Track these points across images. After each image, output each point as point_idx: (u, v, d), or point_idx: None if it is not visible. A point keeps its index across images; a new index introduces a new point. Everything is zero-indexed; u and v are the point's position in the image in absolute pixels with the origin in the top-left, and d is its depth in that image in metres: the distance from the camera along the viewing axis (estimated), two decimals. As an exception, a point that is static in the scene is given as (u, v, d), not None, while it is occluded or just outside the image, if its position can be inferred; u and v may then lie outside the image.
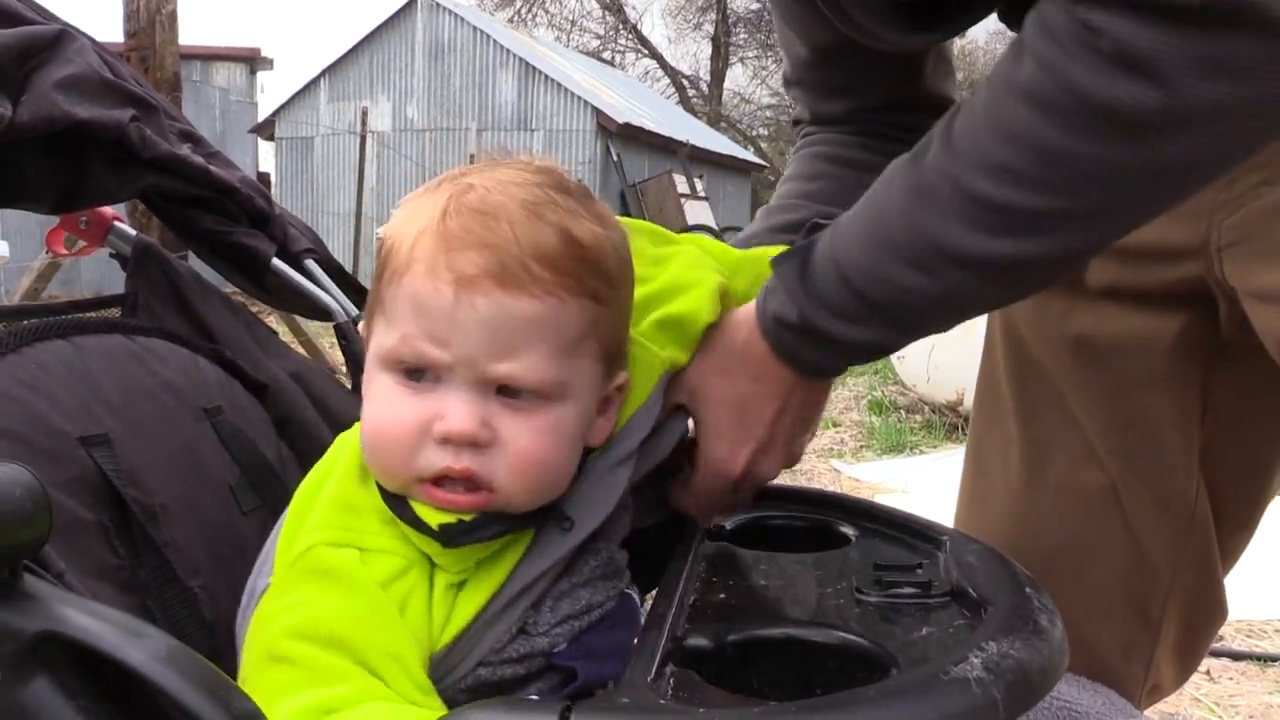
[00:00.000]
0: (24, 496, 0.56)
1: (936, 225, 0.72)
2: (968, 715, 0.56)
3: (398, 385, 0.72)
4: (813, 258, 0.79)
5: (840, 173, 1.08)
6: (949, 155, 0.72)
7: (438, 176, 0.77)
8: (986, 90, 0.71)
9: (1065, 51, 0.64)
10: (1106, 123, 0.64)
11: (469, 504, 0.71)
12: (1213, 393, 1.04)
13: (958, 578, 0.75)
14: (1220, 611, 1.13)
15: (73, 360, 0.83)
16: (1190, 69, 0.61)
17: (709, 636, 0.68)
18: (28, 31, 1.01)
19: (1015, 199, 0.69)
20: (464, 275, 0.69)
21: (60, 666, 0.57)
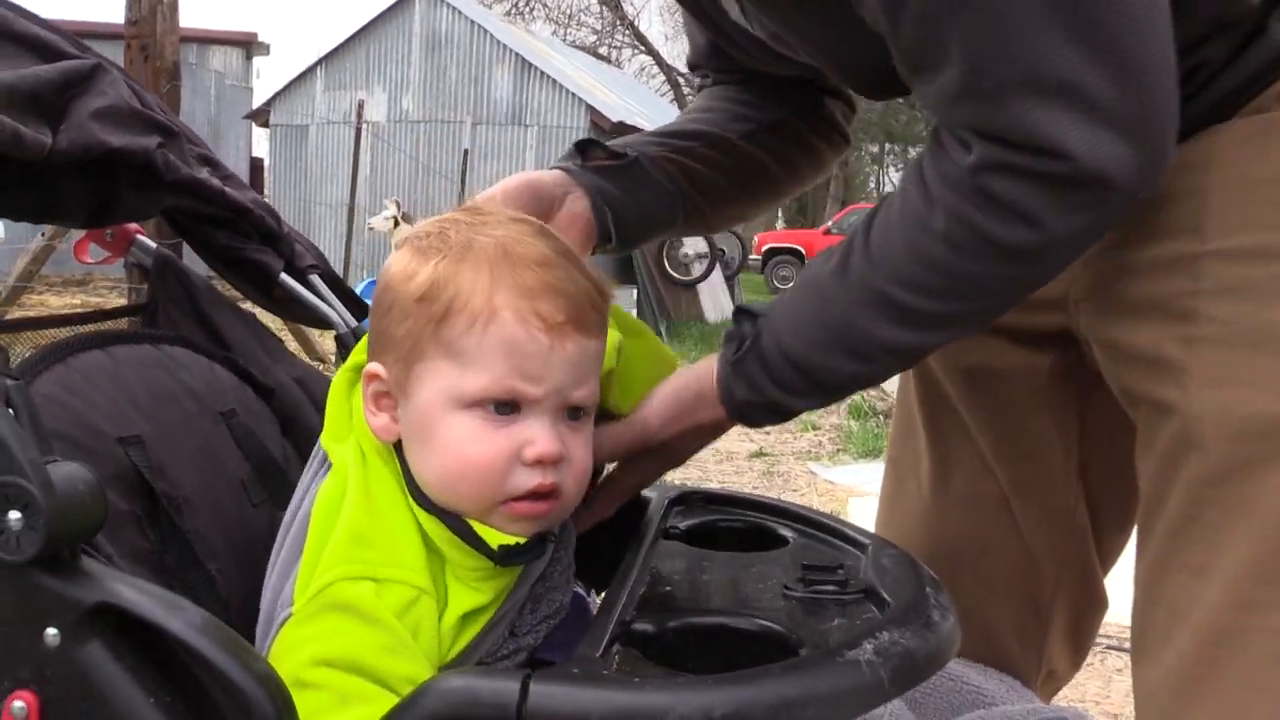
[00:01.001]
0: (84, 490, 0.68)
1: (871, 328, 0.91)
2: (856, 690, 0.69)
3: (484, 420, 0.82)
4: (764, 355, 0.95)
5: (726, 106, 1.24)
6: (874, 273, 0.90)
7: (435, 222, 0.88)
8: (902, 222, 0.89)
9: (972, 206, 0.84)
10: (1003, 254, 0.85)
11: (545, 510, 0.84)
12: (1087, 416, 1.17)
13: (872, 577, 0.88)
14: (1101, 603, 1.27)
15: (109, 369, 0.95)
16: (1058, 215, 0.83)
17: (653, 622, 0.80)
18: (68, 66, 1.12)
19: (935, 307, 0.89)
20: (553, 322, 0.82)
21: (111, 633, 0.69)
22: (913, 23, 0.83)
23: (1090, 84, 0.78)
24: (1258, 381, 0.88)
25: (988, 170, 0.82)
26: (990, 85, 0.80)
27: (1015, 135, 0.80)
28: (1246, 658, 0.88)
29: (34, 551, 0.66)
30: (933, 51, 0.83)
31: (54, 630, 0.68)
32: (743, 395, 0.96)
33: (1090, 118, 0.79)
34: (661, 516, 1.04)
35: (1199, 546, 0.92)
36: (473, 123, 15.48)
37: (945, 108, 0.85)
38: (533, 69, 15.39)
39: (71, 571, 0.69)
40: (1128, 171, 0.81)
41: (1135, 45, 0.79)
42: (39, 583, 0.68)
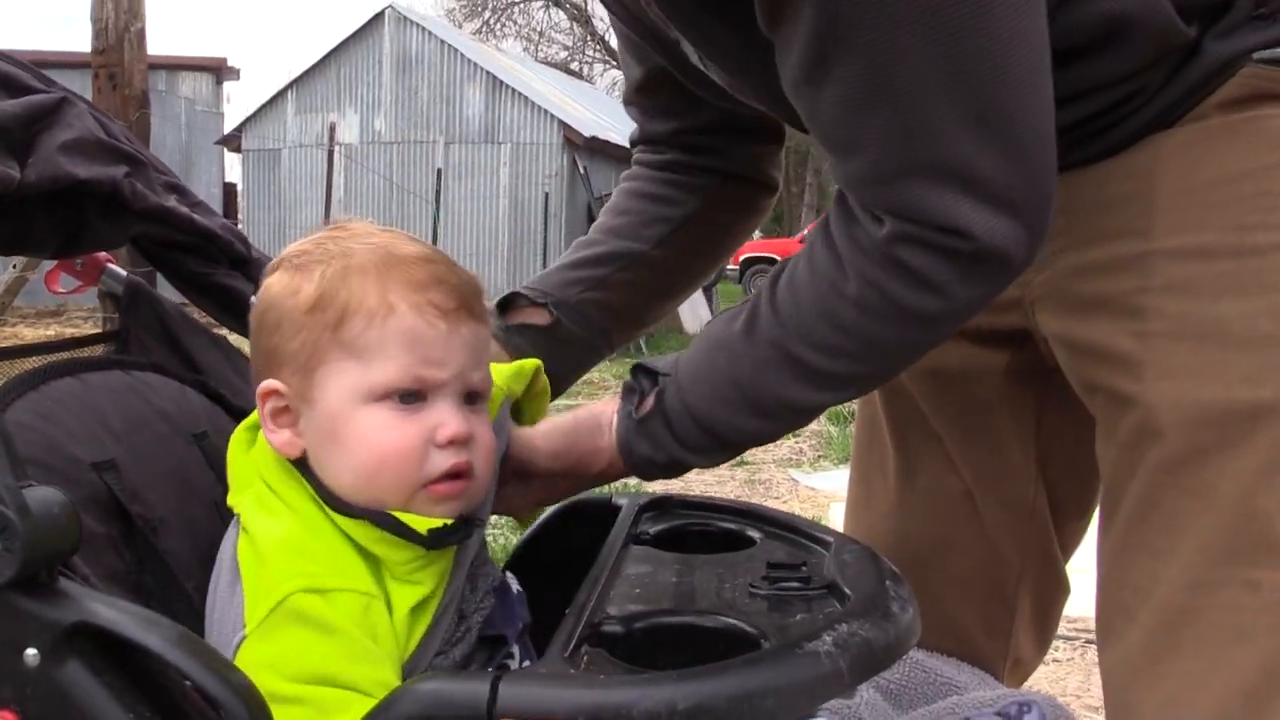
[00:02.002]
0: (60, 513, 0.70)
1: (777, 387, 0.95)
2: (815, 681, 0.71)
3: (393, 411, 0.85)
4: (669, 413, 1.00)
5: (641, 207, 1.29)
6: (783, 334, 0.94)
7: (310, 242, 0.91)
8: (813, 285, 0.93)
9: (885, 274, 0.89)
10: (912, 320, 0.91)
11: (463, 488, 0.87)
12: (1044, 410, 1.21)
13: (834, 573, 0.90)
14: (1064, 589, 1.31)
15: (82, 395, 0.96)
16: (962, 285, 0.88)
17: (621, 623, 0.82)
18: (33, 101, 1.13)
19: (842, 368, 0.94)
20: (448, 310, 0.86)
21: (90, 651, 0.70)
22: (831, 104, 0.86)
23: (987, 171, 0.84)
24: (1207, 372, 0.93)
25: (900, 242, 0.87)
26: (900, 171, 0.86)
27: (919, 215, 0.86)
28: (1204, 634, 0.91)
29: (11, 574, 0.68)
30: (849, 135, 0.87)
31: (33, 650, 0.70)
32: (644, 452, 1.00)
33: (987, 202, 0.85)
34: (632, 522, 1.06)
35: (1158, 530, 0.96)
36: (445, 142, 15.50)
37: (858, 188, 0.90)
38: (504, 87, 15.44)
39: (49, 593, 0.70)
40: (1021, 247, 0.87)
41: (1028, 137, 0.85)
42: (17, 605, 0.70)
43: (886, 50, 0.81)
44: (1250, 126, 0.94)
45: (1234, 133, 0.95)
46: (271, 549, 0.84)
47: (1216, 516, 0.92)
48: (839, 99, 0.85)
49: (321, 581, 0.81)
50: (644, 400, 1.02)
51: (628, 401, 1.02)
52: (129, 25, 5.74)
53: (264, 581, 0.82)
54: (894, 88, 0.82)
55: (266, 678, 0.77)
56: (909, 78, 0.82)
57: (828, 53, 0.83)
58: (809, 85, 0.87)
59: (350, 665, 0.78)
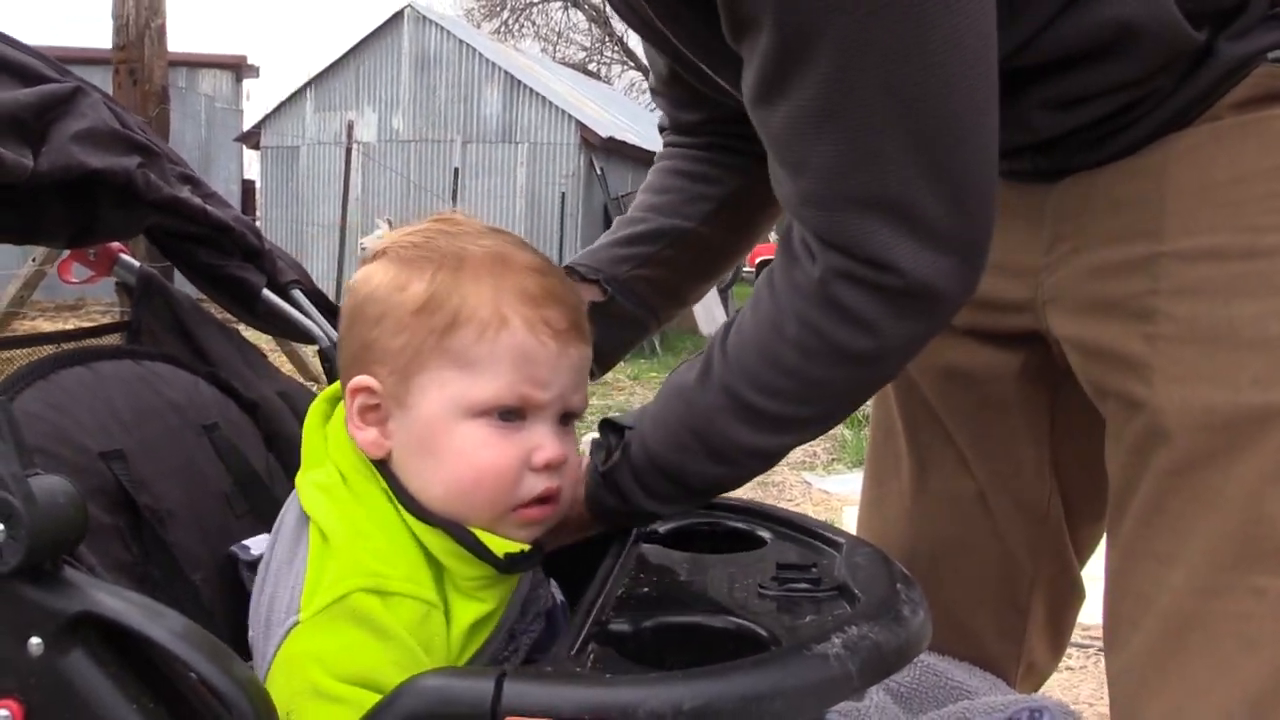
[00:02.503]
0: (66, 502, 0.70)
1: (731, 432, 0.92)
2: (824, 683, 0.70)
3: (492, 428, 0.84)
4: (634, 464, 0.98)
5: (682, 185, 1.27)
6: (733, 379, 0.92)
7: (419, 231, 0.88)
8: (756, 330, 0.92)
9: (820, 314, 0.87)
10: (849, 360, 0.88)
11: (551, 513, 0.87)
12: (1057, 412, 1.20)
13: (845, 575, 0.89)
14: (1079, 595, 1.29)
15: (92, 385, 0.96)
16: (892, 321, 0.85)
17: (629, 622, 0.81)
18: (47, 90, 1.13)
19: (788, 411, 0.91)
20: (560, 330, 0.85)
21: (94, 641, 0.70)
22: (781, 122, 0.85)
23: (923, 205, 0.82)
24: (1216, 376, 0.91)
25: (834, 279, 0.86)
26: (837, 197, 0.84)
27: (853, 247, 0.84)
28: (1210, 641, 0.90)
29: (16, 562, 0.68)
30: (796, 157, 0.86)
31: (37, 639, 0.69)
32: (611, 504, 0.99)
33: (917, 236, 0.83)
34: (642, 521, 1.06)
35: (1165, 535, 0.94)
36: (463, 141, 15.53)
37: (797, 207, 0.88)
38: (522, 86, 15.46)
39: (54, 582, 0.70)
40: (954, 283, 0.85)
41: (965, 175, 0.83)
42: (22, 593, 0.70)
43: (839, 79, 0.80)
44: (1263, 126, 0.93)
45: (1246, 132, 0.93)
46: (341, 541, 0.82)
47: (1223, 522, 0.91)
48: (789, 119, 0.84)
49: (385, 584, 0.80)
50: (610, 454, 1.00)
51: (595, 456, 1.01)
52: (149, 21, 5.77)
53: (328, 572, 0.81)
54: (842, 114, 0.81)
55: (313, 670, 0.77)
56: (859, 109, 0.80)
57: (784, 74, 0.82)
58: (763, 103, 0.86)
59: (397, 673, 0.75)
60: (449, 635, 0.82)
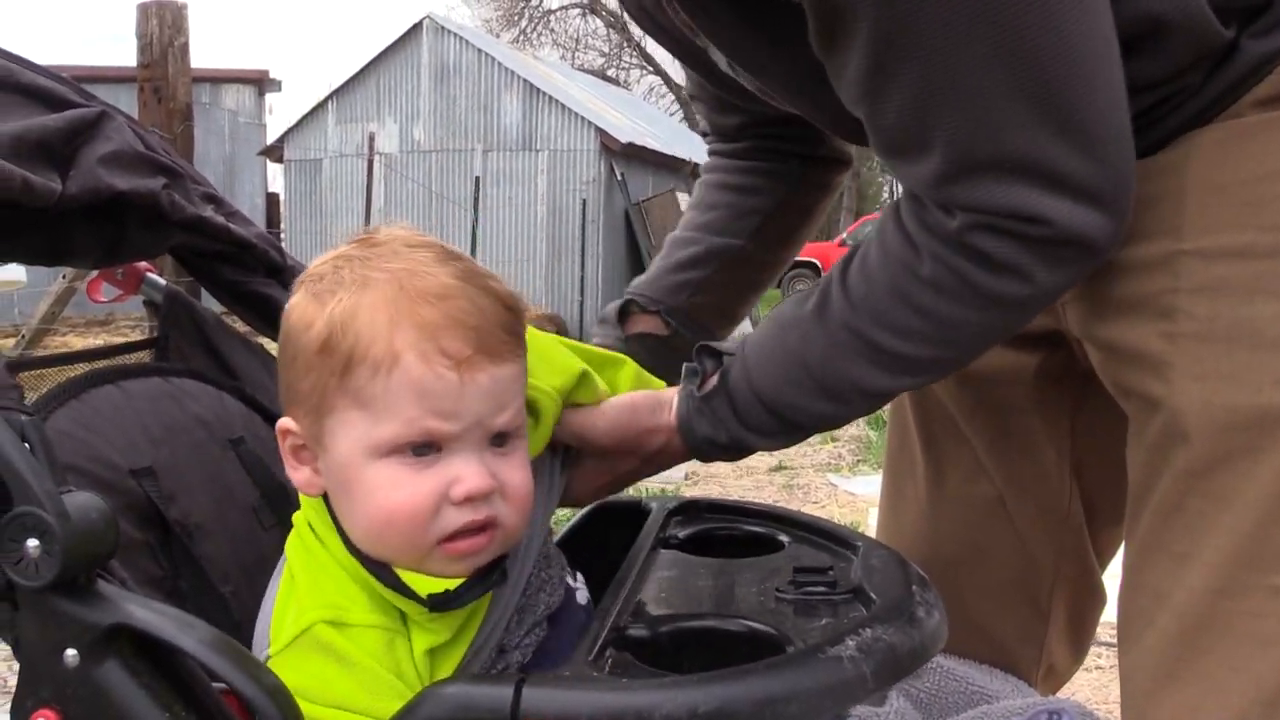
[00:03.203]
0: (98, 518, 0.72)
1: (851, 370, 0.94)
2: (839, 685, 0.71)
3: (404, 466, 0.79)
4: (733, 393, 0.98)
5: (730, 200, 1.30)
6: (856, 317, 0.93)
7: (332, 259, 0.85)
8: (886, 268, 0.92)
9: (960, 257, 0.88)
10: (992, 304, 0.89)
11: (485, 543, 0.81)
12: (1079, 414, 1.20)
13: (861, 578, 0.90)
14: (1100, 598, 1.29)
15: (121, 403, 0.99)
16: (1045, 269, 0.88)
17: (646, 627, 0.83)
18: (74, 115, 1.16)
19: (917, 351, 0.93)
20: (461, 359, 0.79)
21: (127, 652, 0.72)
22: (895, 112, 0.86)
23: (1061, 162, 0.83)
24: (1236, 375, 0.91)
25: (974, 231, 0.87)
26: (970, 169, 0.85)
27: (997, 208, 0.85)
28: (1226, 640, 0.90)
29: (52, 576, 0.70)
30: (915, 139, 0.86)
31: (73, 651, 0.72)
32: (704, 432, 0.99)
33: (1063, 191, 0.84)
34: (660, 526, 1.07)
35: (1182, 534, 0.94)
36: (483, 150, 15.61)
37: (926, 188, 0.89)
38: (541, 94, 15.52)
39: (88, 595, 0.72)
40: (1102, 231, 0.87)
41: (1097, 123, 0.85)
42: (57, 606, 0.72)
43: (947, 52, 0.80)
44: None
45: (1269, 129, 0.93)
46: (301, 576, 0.84)
47: (1241, 522, 0.91)
48: (902, 107, 0.85)
49: (344, 616, 0.80)
50: (706, 379, 1.00)
51: (689, 381, 1.00)
52: (173, 40, 5.83)
53: (292, 606, 0.82)
54: (957, 88, 0.82)
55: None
56: (972, 77, 0.81)
57: (886, 64, 0.83)
58: (869, 98, 0.87)
59: (370, 698, 0.77)
60: (414, 660, 0.81)
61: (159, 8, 5.37)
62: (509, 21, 29.86)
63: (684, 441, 1.00)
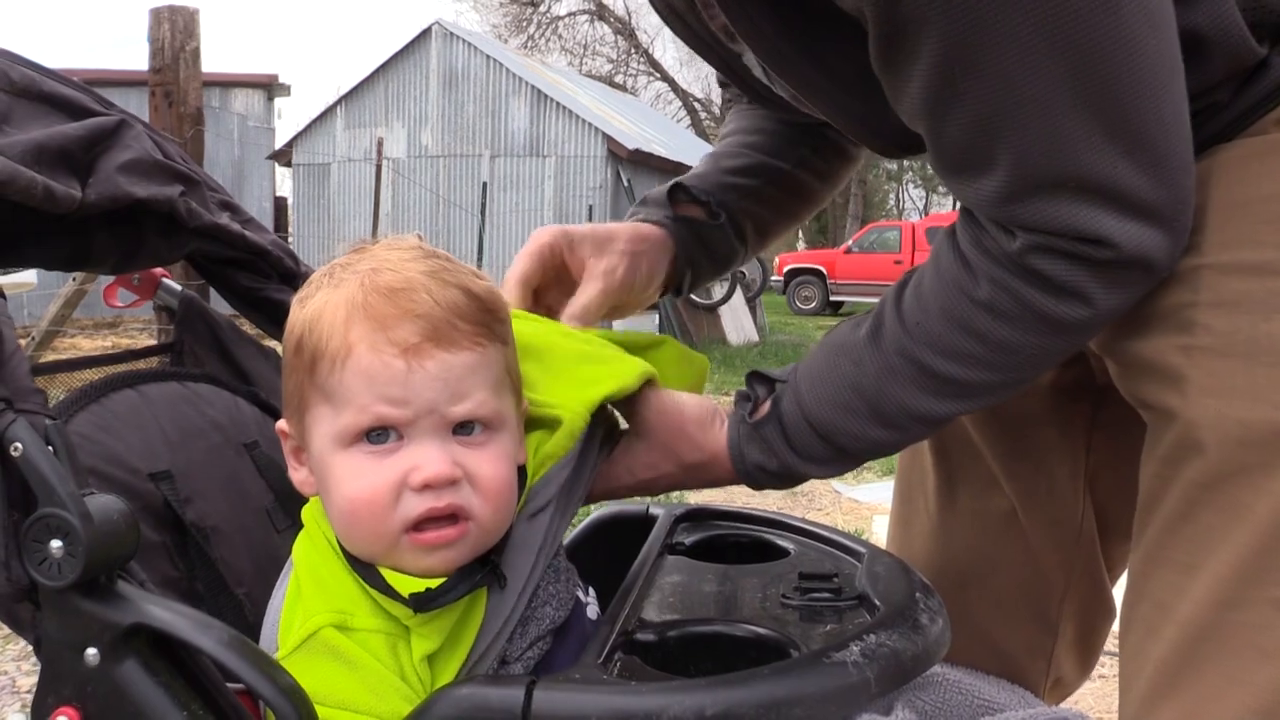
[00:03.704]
0: (119, 520, 0.74)
1: (905, 396, 0.94)
2: (843, 690, 0.73)
3: (364, 456, 0.81)
4: (785, 420, 0.98)
5: (775, 128, 1.29)
6: (911, 341, 0.93)
7: (324, 268, 0.88)
8: (940, 292, 0.92)
9: (1020, 281, 0.88)
10: (1050, 328, 0.89)
11: (455, 535, 0.81)
12: (1094, 429, 1.20)
13: (865, 585, 0.91)
14: (1110, 612, 1.29)
15: (139, 407, 1.01)
16: (1105, 291, 0.88)
17: (654, 631, 0.84)
18: (94, 123, 1.18)
19: (972, 376, 0.92)
20: (408, 345, 0.81)
21: (146, 652, 0.74)
22: (960, 129, 0.85)
23: (1128, 181, 0.83)
24: (1253, 391, 0.91)
25: (1035, 252, 0.86)
26: (1034, 187, 0.85)
27: (1061, 228, 0.85)
28: (1227, 651, 0.90)
29: (74, 577, 0.72)
30: (978, 156, 0.86)
31: (94, 650, 0.73)
32: (755, 459, 0.99)
33: (1128, 211, 0.84)
34: (667, 533, 1.08)
35: (1189, 545, 0.94)
36: (491, 155, 15.65)
37: (988, 206, 0.88)
38: (549, 100, 15.56)
39: (109, 595, 0.74)
40: (1164, 252, 0.87)
41: (1164, 141, 0.84)
42: (79, 606, 0.74)
43: (1016, 69, 0.80)
44: None
45: None
46: (307, 578, 0.85)
47: (1249, 536, 0.90)
48: (966, 124, 0.84)
49: (349, 620, 0.82)
50: (759, 406, 1.00)
51: (741, 407, 1.01)
52: (184, 44, 5.86)
53: (299, 610, 0.83)
54: (1024, 106, 0.81)
55: None
56: (1038, 96, 0.81)
57: (953, 79, 0.82)
58: (931, 115, 0.86)
59: (377, 700, 0.78)
60: (415, 665, 0.81)
61: (171, 12, 5.40)
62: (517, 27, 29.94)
63: (734, 468, 1.00)
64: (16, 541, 0.73)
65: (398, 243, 0.89)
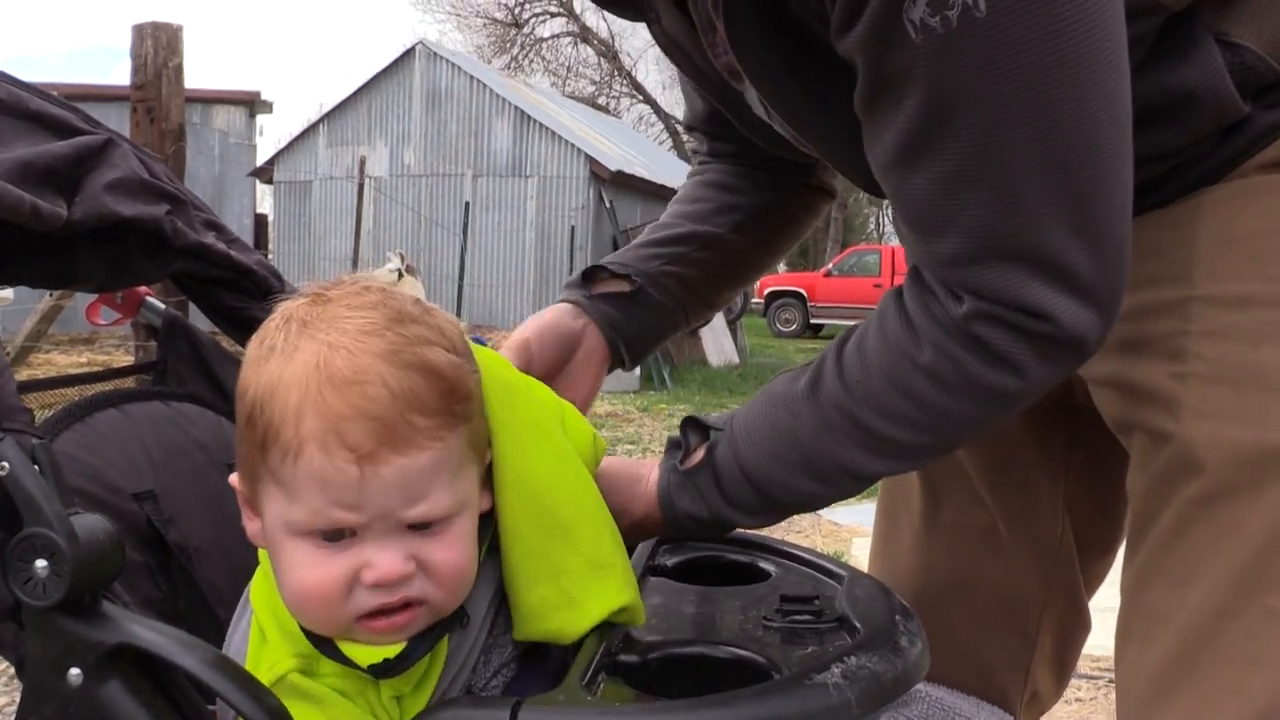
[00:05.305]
0: (105, 539, 0.74)
1: (838, 451, 0.96)
2: (823, 712, 0.73)
3: (316, 548, 0.78)
4: (719, 468, 1.00)
5: (713, 195, 1.32)
6: (849, 398, 0.95)
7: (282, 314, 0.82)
8: (883, 353, 0.94)
9: (961, 348, 0.90)
10: (983, 396, 0.91)
11: (405, 621, 0.79)
12: (1074, 449, 1.23)
13: (845, 607, 0.92)
14: (1085, 626, 1.32)
15: (124, 427, 1.01)
16: (1038, 365, 0.89)
17: (637, 653, 0.85)
18: (81, 142, 1.18)
19: (906, 437, 0.94)
20: (362, 451, 0.75)
21: (130, 672, 0.74)
22: (927, 183, 0.87)
23: (1074, 261, 0.86)
24: (1245, 415, 0.95)
25: (980, 320, 0.89)
26: (988, 254, 0.87)
27: (1007, 298, 0.87)
28: (1223, 659, 0.93)
29: (59, 596, 0.72)
30: (940, 215, 0.88)
31: (77, 670, 0.73)
32: (685, 507, 1.01)
33: (1070, 289, 0.87)
34: (650, 554, 1.09)
35: (1183, 560, 0.97)
36: (473, 175, 15.68)
37: (940, 268, 0.90)
38: (532, 121, 15.62)
39: (93, 615, 0.74)
40: (1096, 333, 0.89)
41: (1109, 227, 0.87)
42: (63, 626, 0.73)
43: (991, 135, 0.82)
44: None
45: (1273, 190, 0.98)
46: (270, 626, 0.83)
47: (1243, 549, 0.94)
48: (934, 180, 0.87)
49: (314, 666, 0.81)
50: (691, 454, 1.02)
51: (672, 456, 1.02)
52: (167, 61, 5.84)
53: (265, 656, 0.82)
54: (993, 172, 0.84)
55: None
56: (1010, 163, 0.83)
57: (930, 136, 0.85)
58: (902, 165, 0.88)
59: None
60: (384, 704, 0.81)
61: (155, 29, 5.39)
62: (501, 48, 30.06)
63: (663, 516, 1.02)
64: (1, 561, 0.73)
65: (359, 300, 0.81)
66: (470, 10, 30.32)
